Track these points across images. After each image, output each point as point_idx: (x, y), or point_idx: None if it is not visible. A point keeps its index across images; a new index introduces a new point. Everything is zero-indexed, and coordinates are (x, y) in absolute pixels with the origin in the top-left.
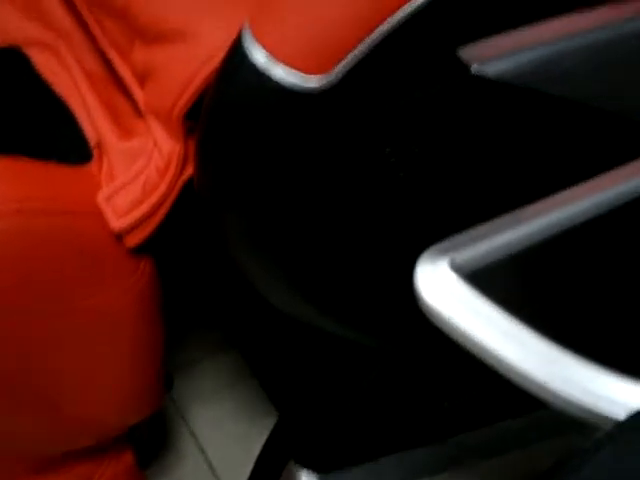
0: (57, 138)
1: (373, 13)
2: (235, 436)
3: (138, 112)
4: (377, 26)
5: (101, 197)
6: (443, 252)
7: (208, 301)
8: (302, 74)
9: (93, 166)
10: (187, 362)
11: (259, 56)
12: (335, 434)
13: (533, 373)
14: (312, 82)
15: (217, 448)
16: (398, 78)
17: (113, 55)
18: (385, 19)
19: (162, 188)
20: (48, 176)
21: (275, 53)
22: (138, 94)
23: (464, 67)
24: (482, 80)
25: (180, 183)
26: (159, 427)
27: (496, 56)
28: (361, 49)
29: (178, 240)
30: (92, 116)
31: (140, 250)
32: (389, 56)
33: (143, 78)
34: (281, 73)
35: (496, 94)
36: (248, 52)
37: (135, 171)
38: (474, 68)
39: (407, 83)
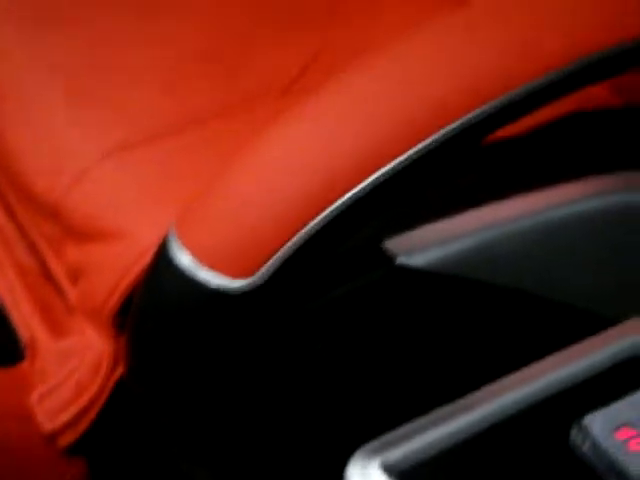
0: None
1: (295, 217)
2: None
3: (71, 309)
4: (300, 229)
5: (33, 399)
6: (373, 452)
7: None
8: (227, 277)
9: (25, 365)
10: None
11: (184, 259)
12: None
13: None
14: (237, 284)
15: None
16: (324, 274)
17: (46, 251)
18: (307, 223)
19: (93, 388)
20: None
21: (200, 257)
22: (70, 291)
23: (389, 259)
24: (408, 271)
25: (112, 381)
26: None
27: (422, 247)
28: (285, 251)
29: (112, 439)
30: (24, 314)
31: (72, 451)
32: (314, 254)
33: (75, 276)
34: (206, 276)
35: (422, 284)
36: (173, 255)
37: (67, 371)
38: (400, 260)
39: (333, 278)
